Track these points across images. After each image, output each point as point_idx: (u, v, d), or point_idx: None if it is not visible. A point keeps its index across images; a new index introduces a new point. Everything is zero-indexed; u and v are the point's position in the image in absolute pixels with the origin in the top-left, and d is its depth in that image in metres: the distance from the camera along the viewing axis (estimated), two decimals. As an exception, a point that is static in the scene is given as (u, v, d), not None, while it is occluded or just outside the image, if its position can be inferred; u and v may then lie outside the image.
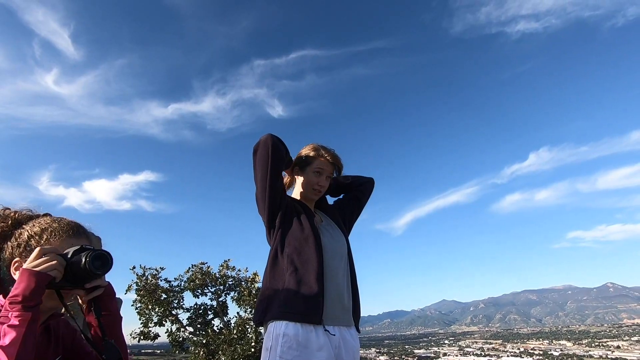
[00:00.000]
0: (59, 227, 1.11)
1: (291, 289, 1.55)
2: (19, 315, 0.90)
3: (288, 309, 1.52)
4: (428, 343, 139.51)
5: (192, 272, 9.46)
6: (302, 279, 1.57)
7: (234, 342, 8.11)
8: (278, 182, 1.73)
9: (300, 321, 1.50)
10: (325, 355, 1.49)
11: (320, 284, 1.56)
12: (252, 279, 9.27)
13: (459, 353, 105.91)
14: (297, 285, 1.55)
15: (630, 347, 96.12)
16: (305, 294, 1.54)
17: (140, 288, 8.85)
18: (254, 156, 1.73)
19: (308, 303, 1.53)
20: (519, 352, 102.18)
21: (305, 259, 1.61)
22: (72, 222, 1.16)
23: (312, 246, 1.63)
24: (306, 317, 1.51)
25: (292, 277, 1.57)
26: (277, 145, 1.69)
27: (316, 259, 1.61)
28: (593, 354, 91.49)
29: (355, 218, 2.08)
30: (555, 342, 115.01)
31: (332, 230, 1.84)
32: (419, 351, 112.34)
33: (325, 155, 1.89)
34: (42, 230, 1.10)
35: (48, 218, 1.16)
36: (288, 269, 1.59)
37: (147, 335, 8.82)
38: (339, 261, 1.73)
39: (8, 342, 0.87)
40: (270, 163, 1.66)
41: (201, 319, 9.42)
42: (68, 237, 1.11)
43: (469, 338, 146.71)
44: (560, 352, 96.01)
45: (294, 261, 1.61)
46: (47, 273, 0.96)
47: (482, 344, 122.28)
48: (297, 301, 1.53)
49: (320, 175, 1.88)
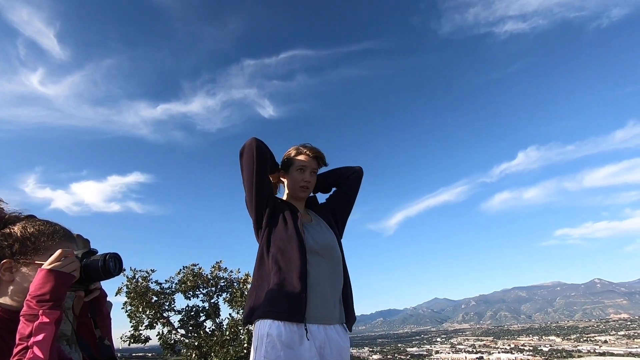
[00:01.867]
0: (55, 231, 1.13)
1: (275, 289, 1.59)
2: (50, 314, 0.93)
3: (272, 308, 1.56)
4: (420, 341, 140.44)
5: (183, 274, 9.38)
6: (285, 278, 1.60)
7: (227, 344, 8.06)
8: (264, 183, 1.76)
9: (284, 319, 1.53)
10: (308, 354, 1.52)
11: (302, 283, 1.58)
12: (244, 280, 9.21)
13: (451, 350, 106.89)
14: (280, 284, 1.59)
15: (617, 342, 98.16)
16: (288, 293, 1.57)
17: (130, 291, 8.74)
18: (240, 159, 1.78)
19: (291, 302, 1.56)
20: (509, 348, 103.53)
21: (288, 258, 1.63)
22: (63, 226, 1.18)
23: (295, 246, 1.65)
24: (289, 316, 1.54)
25: (276, 277, 1.60)
26: (261, 148, 1.74)
27: (299, 259, 1.62)
28: (581, 348, 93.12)
29: (347, 213, 2.06)
30: (544, 338, 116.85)
31: (320, 229, 1.83)
32: (412, 349, 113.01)
33: (305, 150, 1.90)
34: (38, 232, 1.11)
35: (37, 220, 1.16)
36: (272, 269, 1.63)
37: (137, 338, 8.72)
38: (325, 259, 1.73)
39: (41, 339, 0.90)
40: (256, 165, 1.71)
41: (193, 321, 9.34)
42: (65, 241, 1.14)
43: (461, 335, 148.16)
44: (549, 348, 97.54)
45: (278, 261, 1.64)
46: (72, 274, 1.01)
47: (474, 341, 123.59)
48: (280, 300, 1.56)
49: (303, 172, 1.89)
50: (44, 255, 1.07)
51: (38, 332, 0.90)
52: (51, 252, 1.05)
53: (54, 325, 0.94)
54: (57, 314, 0.95)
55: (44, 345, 0.90)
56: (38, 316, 0.92)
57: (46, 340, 0.90)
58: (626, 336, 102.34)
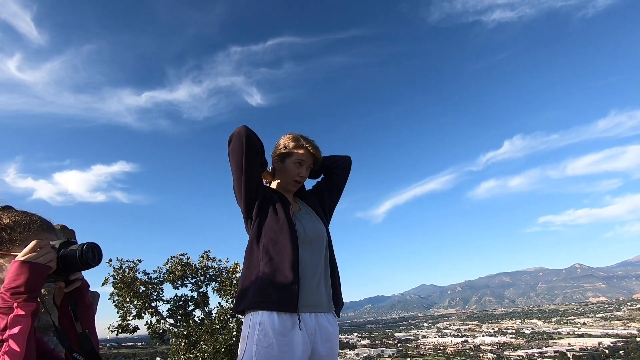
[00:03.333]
0: (31, 221, 1.11)
1: (266, 279, 1.56)
2: (25, 306, 0.91)
3: (263, 299, 1.54)
4: (408, 326, 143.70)
5: (171, 264, 9.30)
6: (278, 268, 1.58)
7: (216, 332, 8.08)
8: (253, 173, 1.71)
9: (276, 310, 1.52)
10: (301, 341, 1.52)
11: (295, 273, 1.57)
12: (233, 269, 9.20)
13: (437, 335, 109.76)
14: (272, 274, 1.57)
15: (595, 324, 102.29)
16: (280, 283, 1.55)
17: (117, 281, 8.64)
18: (228, 147, 1.73)
19: (283, 292, 1.54)
20: (493, 331, 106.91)
21: (280, 248, 1.61)
22: (40, 217, 1.15)
23: (286, 235, 1.63)
24: (281, 306, 1.53)
25: (267, 267, 1.58)
26: (251, 137, 1.67)
27: (291, 248, 1.61)
28: (561, 330, 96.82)
29: (335, 202, 2.04)
30: (527, 321, 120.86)
31: (309, 218, 1.82)
32: (399, 334, 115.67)
33: (307, 145, 1.84)
34: (14, 223, 1.08)
35: (14, 211, 1.14)
36: (263, 259, 1.61)
37: (125, 328, 8.66)
38: (315, 248, 1.73)
39: (17, 332, 0.88)
40: (245, 154, 1.65)
41: (182, 310, 9.31)
42: (42, 231, 1.11)
43: (447, 320, 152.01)
44: (531, 330, 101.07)
45: (269, 251, 1.61)
46: (47, 265, 0.98)
47: (459, 325, 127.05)
48: (272, 290, 1.54)
49: (300, 167, 1.85)
50: (20, 247, 1.05)
51: (13, 325, 0.89)
52: (28, 243, 1.04)
53: (30, 317, 0.92)
54: (33, 306, 0.93)
55: (20, 338, 0.88)
56: (13, 309, 0.90)
57: (22, 333, 0.89)
58: (603, 318, 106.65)
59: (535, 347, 76.65)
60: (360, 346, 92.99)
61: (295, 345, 1.51)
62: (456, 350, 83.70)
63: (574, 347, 71.80)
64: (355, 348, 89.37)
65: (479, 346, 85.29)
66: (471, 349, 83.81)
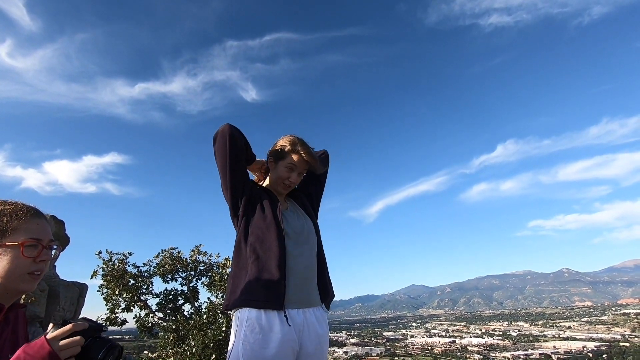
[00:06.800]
0: (17, 209, 1.09)
1: (253, 278, 1.59)
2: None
3: (251, 297, 1.57)
4: (397, 326, 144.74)
5: (161, 258, 9.25)
6: (265, 266, 1.60)
7: (205, 327, 8.07)
8: (238, 171, 1.71)
9: (263, 307, 1.55)
10: (288, 338, 1.54)
11: (282, 271, 1.59)
12: (223, 265, 9.18)
13: (426, 335, 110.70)
14: (259, 272, 1.59)
15: (580, 327, 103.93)
16: (267, 281, 1.57)
17: (107, 274, 8.58)
18: (213, 146, 1.72)
19: (269, 290, 1.56)
20: (480, 333, 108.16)
21: (267, 246, 1.63)
22: (25, 204, 1.13)
23: (273, 234, 1.64)
24: (268, 303, 1.55)
25: (255, 265, 1.60)
26: (235, 135, 1.67)
27: (277, 247, 1.62)
28: (547, 333, 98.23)
29: (320, 195, 2.10)
30: (513, 324, 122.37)
31: (297, 216, 1.84)
32: (388, 333, 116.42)
33: (302, 152, 1.82)
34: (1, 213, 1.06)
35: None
36: (251, 257, 1.62)
37: (114, 321, 8.61)
38: (304, 245, 1.74)
39: None
40: (229, 152, 1.66)
41: (171, 304, 9.27)
42: (32, 217, 1.10)
43: (435, 321, 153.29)
44: (517, 333, 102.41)
45: (256, 249, 1.63)
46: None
47: (447, 325, 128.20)
48: (259, 289, 1.57)
49: (292, 172, 1.83)
50: (12, 236, 1.03)
51: None
52: (22, 231, 1.02)
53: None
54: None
55: None
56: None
57: None
58: (588, 322, 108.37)
59: (521, 349, 77.67)
60: (349, 344, 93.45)
61: (282, 342, 1.53)
62: (443, 350, 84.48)
63: (558, 350, 73.02)
64: (344, 346, 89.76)
65: (466, 347, 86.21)
66: (458, 350, 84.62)
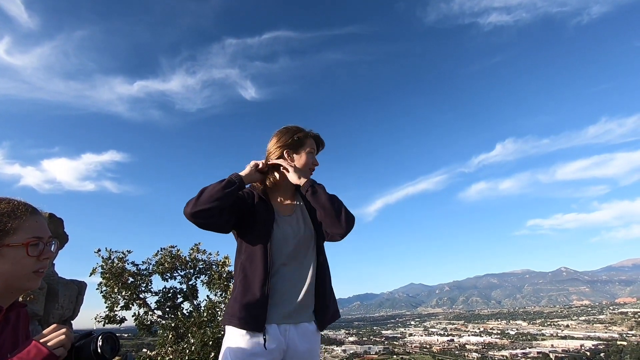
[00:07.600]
0: (14, 207, 1.08)
1: (238, 297, 1.62)
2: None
3: (234, 316, 1.59)
4: (395, 324, 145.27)
5: (161, 256, 9.25)
6: (250, 286, 1.61)
7: (204, 325, 8.07)
8: (222, 219, 1.63)
9: (244, 328, 1.57)
10: (270, 358, 1.56)
11: (263, 290, 1.59)
12: (223, 263, 9.19)
13: (424, 333, 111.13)
14: (244, 292, 1.61)
15: (578, 326, 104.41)
16: (249, 302, 1.59)
17: (106, 271, 8.58)
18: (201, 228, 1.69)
19: (251, 311, 1.58)
20: (479, 331, 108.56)
21: (254, 267, 1.64)
22: (21, 201, 1.12)
23: (259, 253, 1.64)
24: (249, 324, 1.57)
25: (241, 284, 1.63)
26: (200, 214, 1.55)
27: (262, 268, 1.62)
28: (545, 332, 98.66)
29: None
30: (512, 322, 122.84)
31: (297, 223, 1.76)
32: (387, 332, 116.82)
33: (312, 134, 1.87)
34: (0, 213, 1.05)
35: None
36: (239, 276, 1.66)
37: (113, 319, 8.61)
38: (297, 256, 1.70)
39: None
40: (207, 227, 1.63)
41: (170, 302, 9.28)
42: (31, 215, 1.09)
43: (434, 319, 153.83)
44: (516, 331, 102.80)
45: (245, 268, 1.65)
46: (54, 353, 0.94)
47: (446, 324, 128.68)
48: (242, 309, 1.59)
49: (313, 155, 1.85)
50: (13, 236, 1.03)
51: None
52: (23, 230, 1.02)
53: None
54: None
55: None
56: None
57: None
58: (586, 321, 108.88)
59: (519, 347, 78.01)
60: (347, 342, 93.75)
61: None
62: (442, 349, 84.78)
63: (556, 348, 73.28)
64: (342, 344, 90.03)
65: (464, 345, 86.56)
66: (457, 348, 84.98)
